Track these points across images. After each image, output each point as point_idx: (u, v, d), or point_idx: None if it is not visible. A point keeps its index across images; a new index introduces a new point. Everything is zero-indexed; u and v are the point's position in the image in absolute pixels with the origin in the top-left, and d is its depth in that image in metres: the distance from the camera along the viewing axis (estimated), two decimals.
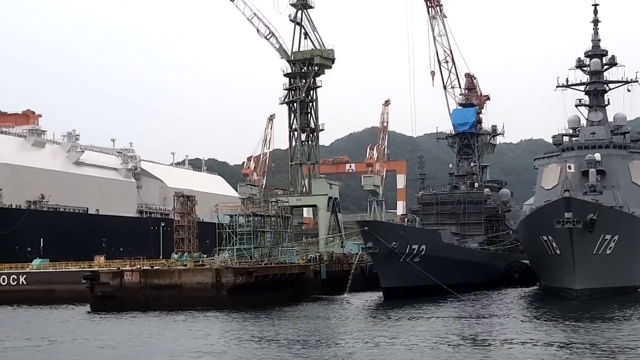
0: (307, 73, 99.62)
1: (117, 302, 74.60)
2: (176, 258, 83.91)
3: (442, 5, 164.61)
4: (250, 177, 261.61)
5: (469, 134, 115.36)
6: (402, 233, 79.17)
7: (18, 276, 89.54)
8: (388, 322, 59.16)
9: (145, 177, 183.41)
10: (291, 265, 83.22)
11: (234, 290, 72.96)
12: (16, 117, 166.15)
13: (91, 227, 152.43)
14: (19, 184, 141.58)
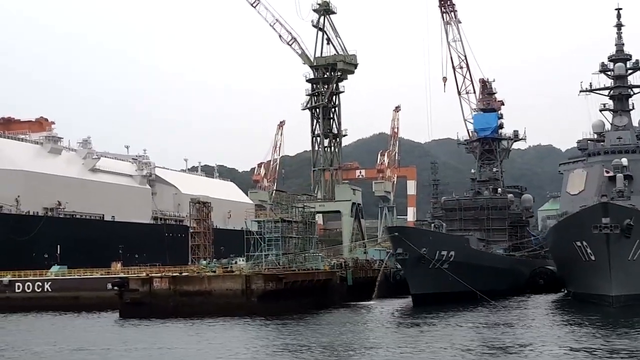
0: (330, 78, 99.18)
1: (146, 309, 74.03)
2: (205, 264, 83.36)
3: (457, 10, 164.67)
4: (261, 184, 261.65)
5: (491, 139, 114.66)
6: (431, 239, 78.63)
7: (43, 283, 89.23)
8: (421, 329, 58.46)
9: (159, 184, 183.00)
10: (318, 271, 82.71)
11: (264, 296, 72.42)
12: (30, 125, 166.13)
13: (107, 234, 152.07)
14: (36, 191, 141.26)
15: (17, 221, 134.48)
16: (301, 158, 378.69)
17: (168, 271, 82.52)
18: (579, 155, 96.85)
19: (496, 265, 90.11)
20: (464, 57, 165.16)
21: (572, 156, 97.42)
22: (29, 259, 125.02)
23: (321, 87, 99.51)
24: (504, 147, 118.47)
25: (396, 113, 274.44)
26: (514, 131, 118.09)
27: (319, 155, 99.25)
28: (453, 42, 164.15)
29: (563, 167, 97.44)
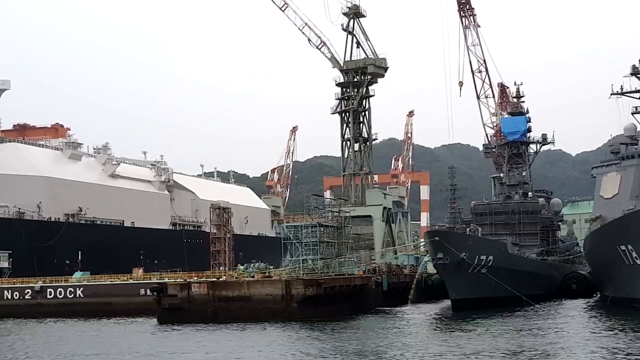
0: (360, 82, 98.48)
1: (185, 315, 73.52)
2: (242, 269, 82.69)
3: (476, 15, 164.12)
4: (274, 189, 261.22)
5: (519, 143, 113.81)
6: (471, 243, 77.90)
7: (75, 289, 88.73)
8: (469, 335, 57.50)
9: (177, 189, 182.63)
10: (354, 276, 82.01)
11: (304, 302, 71.78)
12: (45, 131, 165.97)
13: (127, 240, 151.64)
14: (57, 197, 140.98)
15: (39, 227, 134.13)
16: (311, 164, 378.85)
17: (204, 276, 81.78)
18: (612, 159, 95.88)
19: (531, 270, 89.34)
20: (483, 61, 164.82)
21: (604, 159, 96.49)
22: (51, 265, 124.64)
23: (351, 91, 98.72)
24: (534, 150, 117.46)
25: (410, 118, 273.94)
26: (542, 134, 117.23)
27: (350, 159, 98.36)
28: (472, 47, 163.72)
29: (595, 170, 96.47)
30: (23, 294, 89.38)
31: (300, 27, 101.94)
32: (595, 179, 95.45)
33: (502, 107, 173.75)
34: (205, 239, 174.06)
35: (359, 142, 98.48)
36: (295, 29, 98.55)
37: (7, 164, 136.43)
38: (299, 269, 75.88)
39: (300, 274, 74.77)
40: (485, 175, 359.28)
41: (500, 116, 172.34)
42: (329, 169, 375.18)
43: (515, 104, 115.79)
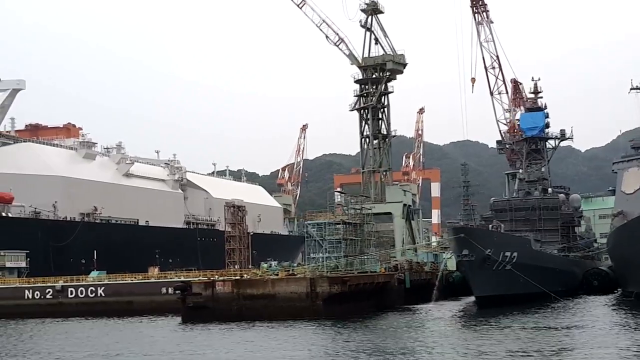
0: (379, 79, 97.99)
1: (209, 313, 73.16)
2: (266, 267, 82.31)
3: (489, 11, 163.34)
4: (285, 187, 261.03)
5: (538, 139, 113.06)
6: (496, 240, 77.35)
7: (96, 288, 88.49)
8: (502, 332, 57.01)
9: (190, 188, 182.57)
10: (378, 274, 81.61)
11: (329, 299, 71.34)
12: (57, 131, 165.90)
13: (142, 239, 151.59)
14: (72, 197, 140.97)
15: (55, 227, 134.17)
16: (321, 162, 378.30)
17: (226, 274, 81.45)
18: (633, 154, 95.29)
19: (554, 266, 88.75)
20: (496, 57, 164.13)
21: (625, 154, 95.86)
22: (67, 264, 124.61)
23: (370, 88, 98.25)
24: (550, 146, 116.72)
25: (420, 115, 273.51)
26: (561, 130, 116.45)
27: (369, 156, 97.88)
28: (485, 43, 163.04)
29: (617, 165, 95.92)
30: (44, 293, 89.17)
31: (318, 23, 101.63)
32: (617, 174, 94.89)
33: (515, 103, 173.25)
34: (219, 238, 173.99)
35: (378, 139, 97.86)
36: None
37: (22, 163, 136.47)
38: (322, 266, 75.38)
39: (324, 271, 74.28)
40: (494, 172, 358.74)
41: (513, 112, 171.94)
42: (338, 166, 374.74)
43: (534, 99, 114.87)
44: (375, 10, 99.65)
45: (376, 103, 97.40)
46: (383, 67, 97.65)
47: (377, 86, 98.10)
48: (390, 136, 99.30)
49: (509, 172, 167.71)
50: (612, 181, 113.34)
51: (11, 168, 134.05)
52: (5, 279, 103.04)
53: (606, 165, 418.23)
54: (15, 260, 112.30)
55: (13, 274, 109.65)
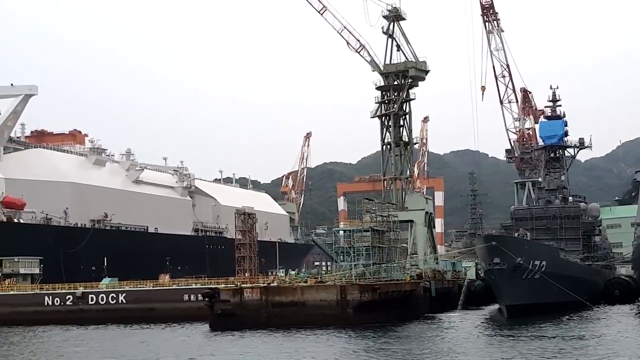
0: (401, 86, 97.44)
1: (238, 320, 72.36)
2: (294, 274, 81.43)
3: (500, 19, 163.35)
4: (289, 195, 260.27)
5: (557, 147, 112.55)
6: (527, 248, 76.67)
7: (117, 294, 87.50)
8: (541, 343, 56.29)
9: (198, 195, 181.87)
10: (405, 282, 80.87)
11: (360, 307, 70.59)
12: (63, 137, 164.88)
13: (151, 246, 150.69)
14: (83, 203, 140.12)
15: (66, 233, 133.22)
16: (322, 170, 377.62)
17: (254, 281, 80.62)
18: None
19: (579, 275, 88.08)
20: (507, 66, 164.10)
21: None
22: (77, 271, 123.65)
23: (392, 95, 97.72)
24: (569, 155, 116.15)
25: (425, 124, 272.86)
26: (580, 139, 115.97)
27: (390, 164, 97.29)
28: (495, 51, 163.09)
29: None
30: (64, 300, 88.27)
31: (339, 30, 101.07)
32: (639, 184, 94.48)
33: (525, 112, 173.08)
34: (227, 245, 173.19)
35: (400, 146, 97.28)
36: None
37: (33, 169, 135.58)
38: (350, 274, 74.56)
39: (352, 279, 73.51)
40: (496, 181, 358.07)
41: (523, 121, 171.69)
42: (340, 175, 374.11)
43: (552, 107, 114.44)
44: (398, 17, 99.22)
45: (398, 110, 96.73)
46: (405, 74, 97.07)
47: (399, 93, 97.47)
48: (412, 143, 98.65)
49: (517, 180, 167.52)
50: (613, 192, 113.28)
51: (23, 174, 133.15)
52: (19, 285, 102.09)
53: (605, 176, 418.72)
54: (29, 266, 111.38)
55: (27, 280, 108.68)
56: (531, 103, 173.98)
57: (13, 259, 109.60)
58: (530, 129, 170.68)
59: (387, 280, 76.65)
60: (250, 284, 76.97)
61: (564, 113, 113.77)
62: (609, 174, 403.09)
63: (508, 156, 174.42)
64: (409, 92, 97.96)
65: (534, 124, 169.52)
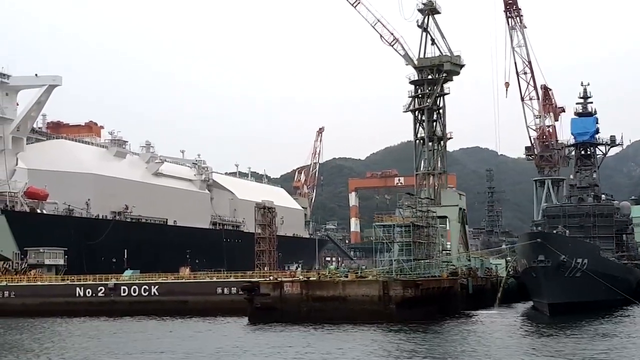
0: (435, 80, 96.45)
1: (277, 314, 71.46)
2: (333, 268, 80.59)
3: (522, 15, 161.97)
4: (301, 190, 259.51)
5: (589, 144, 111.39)
6: (570, 246, 75.77)
7: (150, 287, 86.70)
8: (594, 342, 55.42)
9: (216, 189, 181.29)
10: (443, 278, 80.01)
11: (403, 303, 69.66)
12: (79, 129, 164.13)
13: (171, 239, 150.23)
14: (104, 195, 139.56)
15: (88, 225, 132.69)
16: (331, 165, 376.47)
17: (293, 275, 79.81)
18: None
19: (617, 274, 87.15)
20: (528, 63, 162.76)
21: None
22: (98, 262, 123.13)
23: (426, 89, 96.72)
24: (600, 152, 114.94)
25: None
26: (611, 137, 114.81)
27: (424, 159, 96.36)
28: (518, 48, 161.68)
29: None
30: (96, 291, 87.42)
31: (373, 23, 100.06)
32: None
33: (545, 109, 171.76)
34: (243, 239, 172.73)
35: (433, 141, 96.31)
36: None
37: (56, 160, 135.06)
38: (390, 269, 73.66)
39: (393, 275, 72.63)
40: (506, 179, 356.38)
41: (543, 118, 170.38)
42: (349, 170, 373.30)
43: (583, 104, 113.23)
44: (433, 11, 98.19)
45: (432, 104, 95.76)
46: (440, 68, 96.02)
47: (434, 87, 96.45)
48: (446, 138, 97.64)
49: (537, 178, 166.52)
50: (623, 191, 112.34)
51: (45, 165, 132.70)
52: (45, 276, 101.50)
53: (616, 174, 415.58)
54: (53, 257, 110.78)
55: (51, 271, 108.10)
56: (551, 100, 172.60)
57: (38, 249, 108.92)
58: (551, 126, 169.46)
59: (427, 277, 75.72)
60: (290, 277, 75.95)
61: (595, 110, 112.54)
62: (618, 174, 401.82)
63: (528, 154, 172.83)
64: (443, 87, 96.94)
65: (554, 122, 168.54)
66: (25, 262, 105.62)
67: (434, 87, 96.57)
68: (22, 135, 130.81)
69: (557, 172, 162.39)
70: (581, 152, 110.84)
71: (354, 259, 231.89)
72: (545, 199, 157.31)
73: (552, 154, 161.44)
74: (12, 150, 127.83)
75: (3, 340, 62.74)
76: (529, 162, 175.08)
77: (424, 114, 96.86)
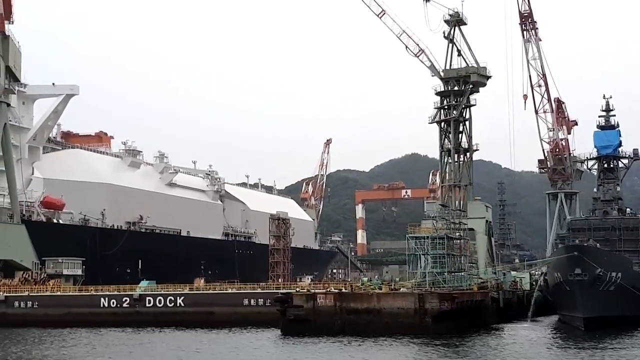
0: (462, 91, 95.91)
1: (310, 327, 70.55)
2: (365, 281, 79.67)
3: (538, 28, 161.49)
4: (309, 202, 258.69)
5: (612, 157, 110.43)
6: (606, 259, 74.91)
7: (175, 297, 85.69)
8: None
9: (227, 200, 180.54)
10: (476, 291, 79.11)
11: (439, 316, 68.79)
12: (89, 139, 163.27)
13: (184, 249, 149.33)
14: (119, 205, 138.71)
15: (103, 235, 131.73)
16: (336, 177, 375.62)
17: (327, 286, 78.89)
18: None
19: None
20: (543, 75, 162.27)
21: None
22: (113, 273, 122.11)
23: (452, 100, 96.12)
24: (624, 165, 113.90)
25: None
26: (634, 149, 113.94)
27: (450, 170, 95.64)
28: (532, 60, 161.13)
29: None
30: (120, 302, 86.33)
31: (398, 34, 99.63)
32: None
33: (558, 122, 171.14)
34: (255, 250, 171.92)
35: (459, 153, 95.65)
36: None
37: (71, 170, 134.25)
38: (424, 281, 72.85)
39: (427, 287, 71.80)
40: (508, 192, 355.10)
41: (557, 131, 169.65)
42: (354, 182, 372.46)
43: (606, 117, 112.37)
44: (459, 22, 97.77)
45: (458, 116, 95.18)
46: (467, 79, 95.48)
47: (460, 98, 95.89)
48: (472, 150, 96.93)
49: (550, 191, 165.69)
50: (627, 205, 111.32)
51: (61, 174, 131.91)
52: (63, 287, 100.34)
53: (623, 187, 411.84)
54: (72, 267, 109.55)
55: (69, 281, 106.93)
56: (564, 113, 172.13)
57: (57, 259, 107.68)
58: (564, 139, 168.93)
59: (461, 290, 74.87)
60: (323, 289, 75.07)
61: (618, 123, 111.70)
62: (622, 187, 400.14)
63: (540, 167, 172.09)
64: (469, 98, 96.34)
65: (566, 135, 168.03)
66: (44, 272, 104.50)
67: (459, 99, 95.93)
68: (39, 145, 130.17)
69: (570, 186, 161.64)
70: (604, 165, 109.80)
71: (363, 271, 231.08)
72: (559, 213, 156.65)
73: (565, 167, 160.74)
74: (29, 159, 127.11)
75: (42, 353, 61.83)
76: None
77: (449, 126, 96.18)
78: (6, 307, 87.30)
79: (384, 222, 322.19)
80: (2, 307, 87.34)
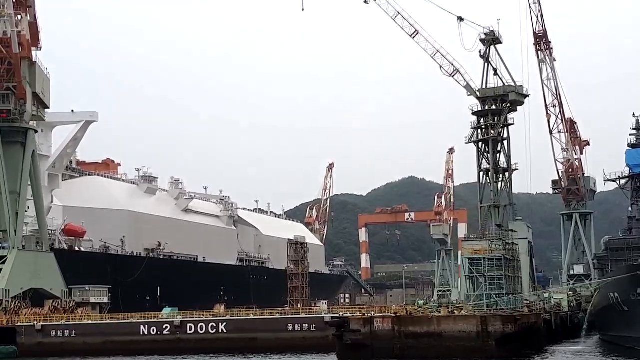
0: (500, 110, 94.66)
1: (368, 351, 68.79)
2: (421, 304, 77.89)
3: (552, 48, 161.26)
4: (313, 226, 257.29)
5: None
6: None
7: (217, 324, 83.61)
8: None
9: (241, 225, 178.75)
10: (530, 314, 77.45)
11: (503, 339, 67.08)
12: (97, 166, 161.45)
13: (201, 276, 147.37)
14: (138, 232, 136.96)
15: (123, 262, 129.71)
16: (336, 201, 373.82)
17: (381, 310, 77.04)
18: None
19: None
20: (557, 96, 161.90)
21: None
22: (133, 300, 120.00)
23: (490, 120, 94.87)
24: None
25: (450, 155, 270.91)
26: None
27: (489, 190, 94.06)
28: (547, 81, 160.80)
29: None
30: (161, 329, 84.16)
31: (432, 54, 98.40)
32: None
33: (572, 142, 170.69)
34: (269, 276, 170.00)
35: (498, 172, 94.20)
36: None
37: (89, 197, 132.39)
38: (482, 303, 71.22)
39: (486, 310, 70.16)
40: None
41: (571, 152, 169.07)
42: (353, 206, 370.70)
43: (637, 135, 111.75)
44: (495, 40, 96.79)
45: (497, 135, 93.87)
46: (505, 99, 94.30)
47: (498, 118, 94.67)
48: (512, 170, 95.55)
49: (564, 212, 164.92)
50: None
51: (80, 201, 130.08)
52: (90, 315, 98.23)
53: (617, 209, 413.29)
54: (98, 295, 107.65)
55: (95, 309, 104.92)
56: (577, 133, 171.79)
57: (84, 287, 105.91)
58: (577, 159, 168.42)
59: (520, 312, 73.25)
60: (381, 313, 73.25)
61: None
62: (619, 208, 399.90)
63: (555, 187, 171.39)
64: (507, 117, 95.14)
65: (579, 155, 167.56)
66: (73, 300, 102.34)
67: (497, 118, 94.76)
68: (58, 172, 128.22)
69: (584, 206, 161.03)
70: (637, 184, 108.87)
71: (374, 295, 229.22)
72: (574, 233, 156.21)
73: (579, 187, 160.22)
74: (48, 187, 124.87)
75: None
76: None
77: (488, 145, 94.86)
78: (43, 336, 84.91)
79: (386, 245, 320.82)
80: (39, 336, 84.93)
